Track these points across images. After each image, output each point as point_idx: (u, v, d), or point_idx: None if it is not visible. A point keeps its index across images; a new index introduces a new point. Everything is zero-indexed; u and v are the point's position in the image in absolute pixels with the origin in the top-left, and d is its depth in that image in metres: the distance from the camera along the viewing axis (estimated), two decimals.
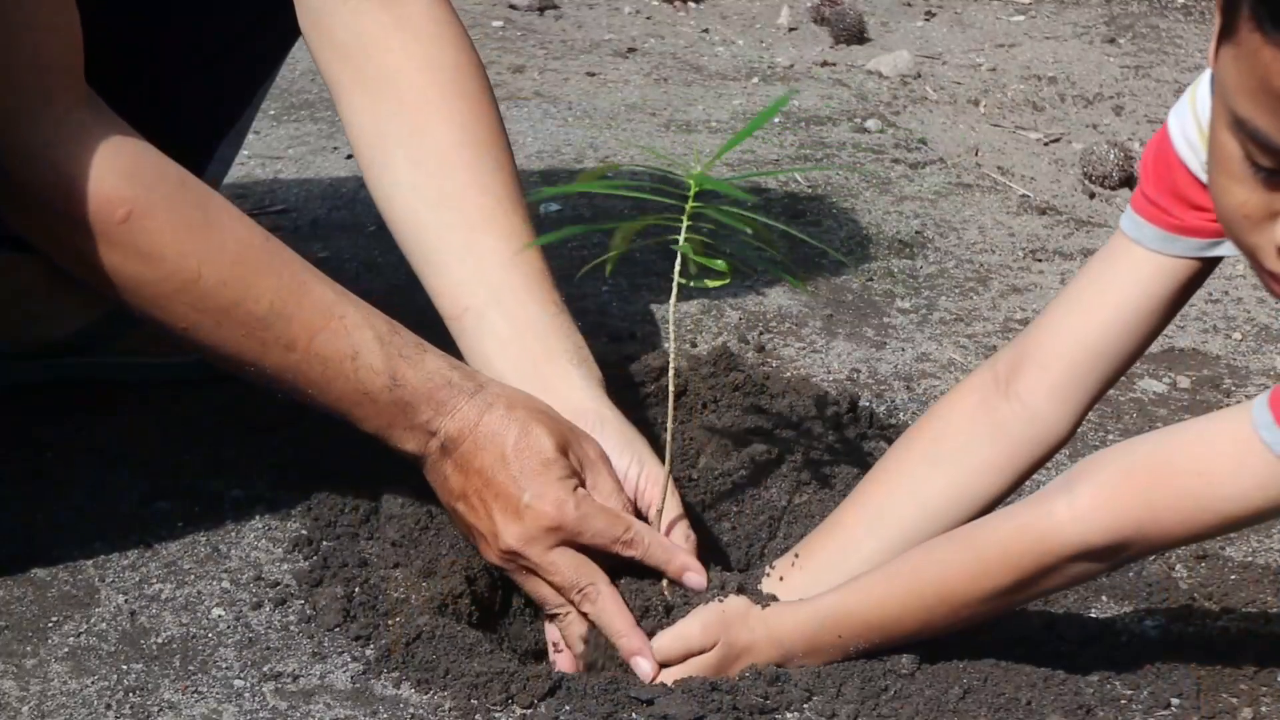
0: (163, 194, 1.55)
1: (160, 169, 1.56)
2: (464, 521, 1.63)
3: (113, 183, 1.51)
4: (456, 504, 1.62)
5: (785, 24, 4.05)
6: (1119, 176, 3.10)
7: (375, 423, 1.62)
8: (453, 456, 1.61)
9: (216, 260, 1.56)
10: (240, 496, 1.81)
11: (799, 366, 2.20)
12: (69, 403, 1.94)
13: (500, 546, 1.60)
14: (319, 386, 1.60)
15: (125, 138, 1.54)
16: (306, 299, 1.60)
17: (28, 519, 1.77)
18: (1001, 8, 4.29)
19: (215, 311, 1.56)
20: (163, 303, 1.56)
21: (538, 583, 1.60)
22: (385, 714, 1.51)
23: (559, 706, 1.51)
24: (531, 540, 1.59)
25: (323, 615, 1.62)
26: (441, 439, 1.61)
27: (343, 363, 1.59)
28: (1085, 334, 1.58)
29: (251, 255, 1.59)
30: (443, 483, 1.63)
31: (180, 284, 1.55)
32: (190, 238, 1.56)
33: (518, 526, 1.58)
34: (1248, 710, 1.54)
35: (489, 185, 1.78)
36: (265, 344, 1.58)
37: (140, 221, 1.53)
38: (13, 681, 1.53)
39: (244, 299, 1.57)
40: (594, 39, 3.84)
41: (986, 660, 1.59)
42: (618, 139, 3.06)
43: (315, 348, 1.59)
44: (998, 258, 2.63)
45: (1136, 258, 1.56)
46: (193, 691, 1.52)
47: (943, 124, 3.37)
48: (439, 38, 1.82)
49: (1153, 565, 1.80)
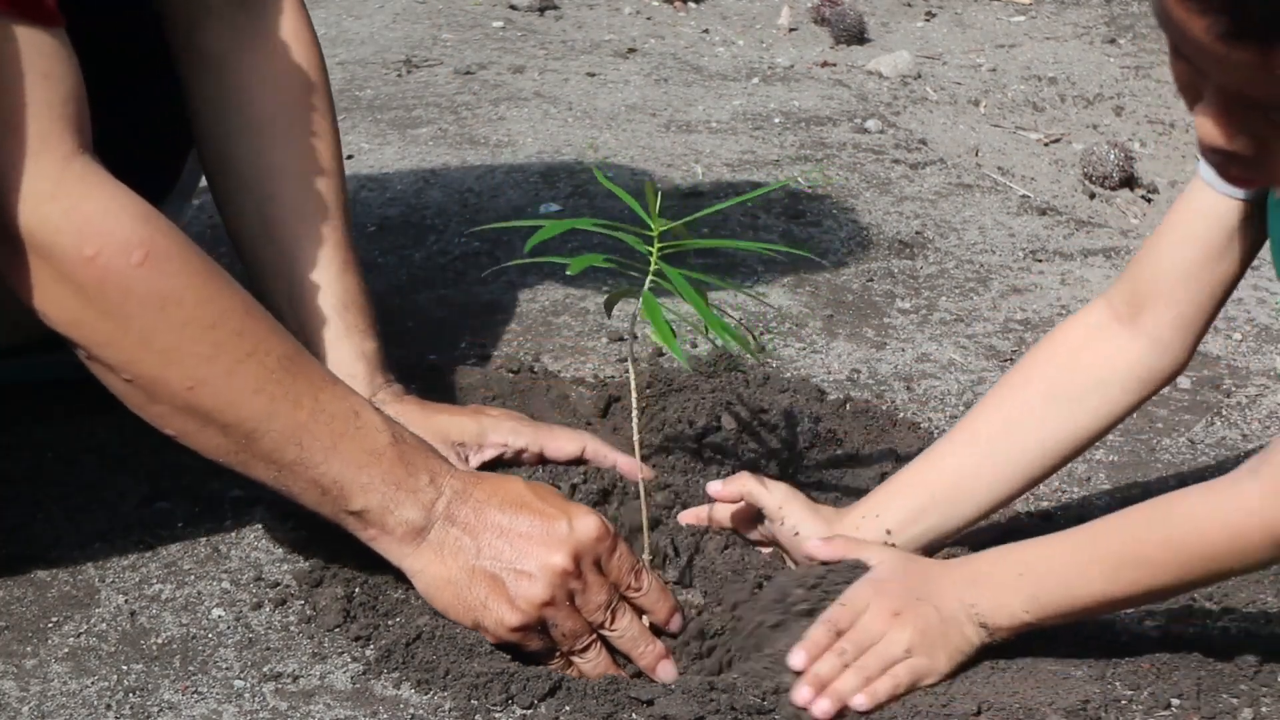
0: (176, 239, 1.50)
1: (162, 217, 1.52)
2: (486, 579, 1.56)
3: (130, 225, 1.47)
4: (476, 563, 1.56)
5: (785, 24, 4.05)
6: (1119, 177, 3.10)
7: (381, 489, 1.54)
8: (464, 509, 1.57)
9: (231, 307, 1.52)
10: (240, 496, 1.81)
11: (799, 367, 2.20)
12: (69, 403, 1.94)
13: (553, 567, 1.55)
14: (327, 447, 1.53)
15: (125, 187, 1.50)
16: (305, 358, 1.57)
17: (28, 519, 1.77)
18: (1001, 8, 4.29)
19: (229, 362, 1.50)
20: (172, 356, 1.49)
21: (570, 614, 1.57)
22: (385, 714, 1.51)
23: (559, 706, 1.51)
24: (584, 550, 1.56)
25: (323, 615, 1.62)
26: (448, 495, 1.57)
27: (348, 419, 1.55)
28: (1198, 267, 1.64)
29: (255, 307, 1.55)
30: (452, 552, 1.56)
31: (198, 331, 1.49)
32: (207, 283, 1.51)
33: (569, 540, 1.56)
34: (1248, 710, 1.54)
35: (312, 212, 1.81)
36: (274, 399, 1.51)
37: (159, 264, 1.47)
38: (13, 681, 1.53)
39: (257, 350, 1.51)
40: (594, 39, 3.84)
41: (986, 661, 1.59)
42: (618, 139, 3.06)
43: (322, 404, 1.54)
44: (998, 258, 2.63)
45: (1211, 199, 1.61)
46: (193, 692, 1.52)
47: (943, 124, 3.37)
48: (293, 55, 1.84)
49: None
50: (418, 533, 1.56)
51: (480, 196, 2.74)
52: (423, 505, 1.56)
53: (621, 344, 2.22)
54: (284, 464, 1.53)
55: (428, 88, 3.39)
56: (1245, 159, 1.31)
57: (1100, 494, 1.96)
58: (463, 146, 3.01)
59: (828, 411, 2.00)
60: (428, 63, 3.57)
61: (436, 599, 1.58)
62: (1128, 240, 2.77)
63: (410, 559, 1.57)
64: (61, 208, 1.44)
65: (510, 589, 1.55)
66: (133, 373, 1.50)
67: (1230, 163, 1.32)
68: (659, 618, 1.62)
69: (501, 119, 3.18)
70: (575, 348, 2.22)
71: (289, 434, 1.52)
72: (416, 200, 2.72)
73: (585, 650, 1.59)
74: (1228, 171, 1.34)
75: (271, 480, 1.55)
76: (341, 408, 1.55)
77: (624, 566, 1.59)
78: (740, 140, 3.11)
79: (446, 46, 3.71)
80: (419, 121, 3.16)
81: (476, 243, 2.54)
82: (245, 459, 1.54)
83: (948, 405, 2.12)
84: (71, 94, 1.47)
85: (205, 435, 1.53)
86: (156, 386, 1.50)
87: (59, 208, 1.44)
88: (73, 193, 1.45)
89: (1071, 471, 2.00)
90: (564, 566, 1.55)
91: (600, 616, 1.58)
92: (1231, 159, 1.31)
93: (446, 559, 1.57)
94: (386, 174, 2.84)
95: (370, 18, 3.91)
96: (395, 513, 1.55)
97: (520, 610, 1.55)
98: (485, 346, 2.21)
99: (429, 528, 1.56)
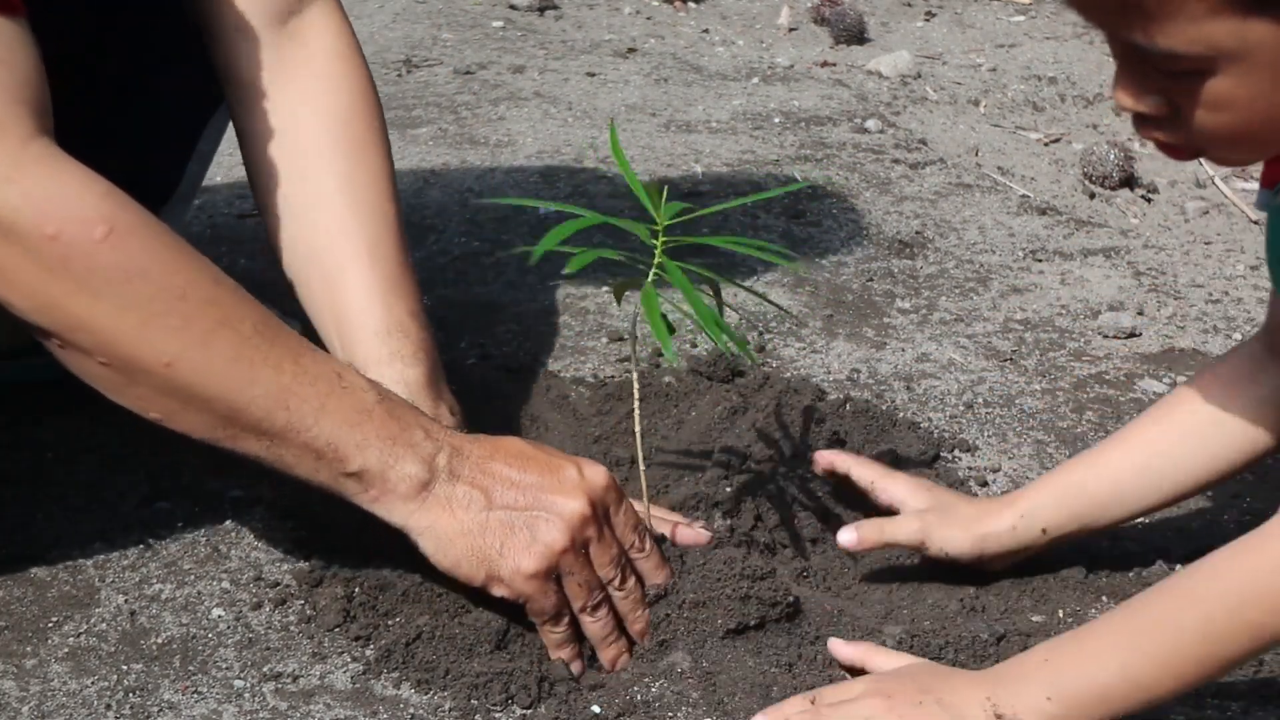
0: (138, 213, 1.49)
1: (123, 193, 1.50)
2: (501, 528, 1.53)
3: (91, 202, 1.46)
4: (489, 513, 1.53)
5: (785, 24, 4.05)
6: (1119, 176, 3.10)
7: (377, 445, 1.52)
8: (467, 465, 1.54)
9: (199, 278, 1.50)
10: (240, 496, 1.81)
11: (799, 367, 2.20)
12: (69, 403, 1.94)
13: (572, 511, 1.52)
14: (316, 409, 1.50)
15: (86, 168, 1.48)
16: (280, 324, 1.55)
17: (28, 519, 1.77)
18: (1001, 8, 4.29)
19: (203, 333, 1.48)
20: (145, 330, 1.47)
21: (584, 564, 1.53)
22: (385, 714, 1.51)
23: (559, 706, 1.51)
24: (597, 497, 1.54)
25: (323, 615, 1.62)
26: (447, 450, 1.54)
27: (332, 380, 1.53)
28: None
29: (224, 278, 1.53)
30: (463, 505, 1.53)
31: (168, 303, 1.47)
32: (172, 255, 1.49)
33: (583, 485, 1.54)
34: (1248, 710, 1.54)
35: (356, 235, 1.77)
36: (254, 365, 1.49)
37: (122, 238, 1.46)
38: (13, 681, 1.53)
39: (229, 318, 1.50)
40: (594, 39, 3.84)
41: (986, 662, 1.59)
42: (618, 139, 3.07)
43: (304, 366, 1.52)
44: (998, 258, 2.63)
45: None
46: (193, 691, 1.52)
47: (943, 124, 3.37)
48: (336, 79, 1.82)
49: (1153, 565, 1.80)
50: (422, 487, 1.53)
51: (480, 196, 2.74)
52: (422, 459, 1.53)
53: (621, 344, 2.22)
54: (274, 432, 1.51)
55: (427, 88, 3.39)
56: (1160, 120, 1.30)
57: None
58: (463, 146, 3.01)
59: (828, 411, 2.00)
60: (427, 63, 3.57)
61: (448, 553, 1.54)
62: (1128, 240, 2.77)
63: (416, 516, 1.54)
64: (20, 189, 1.43)
65: (528, 534, 1.52)
66: (107, 354, 1.48)
67: (1147, 125, 1.32)
68: (657, 582, 1.60)
69: (501, 119, 3.18)
70: (575, 348, 2.22)
71: (275, 398, 1.50)
72: (416, 200, 2.72)
73: (597, 608, 1.55)
74: (1150, 135, 1.33)
75: (265, 453, 1.52)
76: (324, 369, 1.53)
77: (630, 522, 1.58)
78: (740, 140, 3.11)
79: (446, 46, 3.71)
80: (419, 121, 3.16)
81: (476, 243, 2.54)
82: (234, 433, 1.51)
83: (948, 405, 2.12)
84: (29, 78, 1.46)
85: (189, 414, 1.51)
86: (133, 366, 1.48)
87: (18, 189, 1.43)
88: (31, 174, 1.44)
89: None
90: (583, 510, 1.53)
91: (611, 572, 1.55)
92: (1146, 120, 1.31)
93: (457, 511, 1.53)
94: None
95: (370, 18, 3.91)
96: (396, 467, 1.53)
97: (538, 555, 1.52)
98: (485, 346, 2.21)
99: (433, 482, 1.53)
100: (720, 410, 1.96)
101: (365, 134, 1.82)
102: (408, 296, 1.77)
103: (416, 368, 1.72)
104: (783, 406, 1.98)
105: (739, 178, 2.89)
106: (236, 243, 2.53)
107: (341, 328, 1.75)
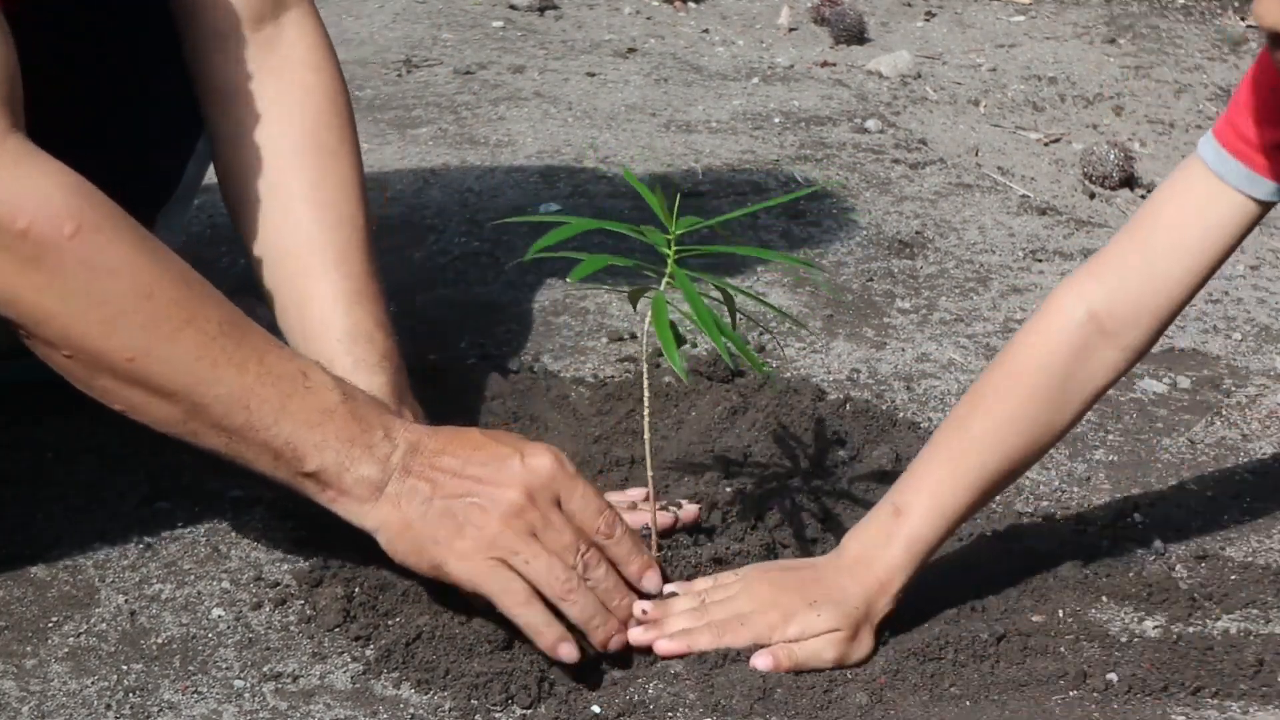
0: (108, 210, 1.50)
1: (95, 190, 1.51)
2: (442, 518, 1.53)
3: (61, 198, 1.46)
4: (430, 505, 1.54)
5: (785, 24, 4.05)
6: (1119, 176, 3.10)
7: (335, 446, 1.54)
8: (419, 460, 1.55)
9: (166, 277, 1.51)
10: (240, 496, 1.81)
11: (799, 367, 2.20)
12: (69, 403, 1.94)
13: (504, 500, 1.53)
14: (276, 409, 1.52)
15: (59, 163, 1.49)
16: (247, 323, 1.55)
17: (28, 519, 1.77)
18: (1001, 8, 4.29)
19: (168, 331, 1.49)
20: (110, 327, 1.48)
21: (537, 552, 1.53)
22: (385, 714, 1.51)
23: (559, 706, 1.51)
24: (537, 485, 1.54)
25: (323, 615, 1.62)
26: (403, 448, 1.56)
27: (295, 380, 1.54)
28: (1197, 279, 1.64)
29: (193, 277, 1.54)
30: (408, 499, 1.54)
31: (134, 300, 1.48)
32: (140, 253, 1.50)
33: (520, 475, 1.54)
34: (1248, 710, 1.54)
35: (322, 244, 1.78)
36: (217, 364, 1.51)
37: (91, 235, 1.47)
38: (13, 681, 1.53)
39: (195, 317, 1.51)
40: (594, 39, 3.84)
41: (986, 662, 1.59)
42: (617, 139, 3.06)
43: (268, 365, 1.53)
44: (998, 258, 2.63)
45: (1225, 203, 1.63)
46: (193, 692, 1.52)
47: (943, 124, 3.37)
48: (308, 88, 1.83)
49: (1153, 565, 1.80)
50: (375, 489, 1.55)
51: (480, 196, 2.74)
52: (378, 460, 1.55)
53: (621, 344, 2.22)
54: (234, 430, 1.52)
55: (427, 87, 3.39)
56: None
57: (1100, 493, 1.96)
58: (462, 146, 3.01)
59: (828, 412, 2.00)
60: (427, 62, 3.57)
61: (397, 547, 1.56)
62: None
63: (369, 516, 1.56)
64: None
65: (461, 520, 1.53)
66: (72, 347, 1.49)
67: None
68: (630, 571, 1.58)
69: (501, 119, 3.18)
70: (575, 348, 2.22)
71: (236, 398, 1.51)
72: (416, 200, 2.72)
73: (570, 594, 1.53)
74: None
75: (225, 448, 1.54)
76: (289, 369, 1.54)
77: (589, 509, 1.57)
78: (740, 140, 3.11)
79: (446, 46, 3.71)
80: (419, 121, 3.16)
81: (476, 243, 2.54)
82: (195, 428, 1.53)
83: (947, 405, 2.12)
84: (2, 75, 1.47)
85: (153, 407, 1.53)
86: (97, 359, 1.50)
87: None
88: (2, 169, 1.45)
89: (1072, 472, 2.00)
90: (514, 499, 1.53)
91: (569, 559, 1.54)
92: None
93: (403, 505, 1.55)
94: (386, 174, 2.84)
95: (370, 17, 3.91)
96: (352, 470, 1.54)
97: (471, 539, 1.53)
98: (485, 346, 2.21)
99: (386, 482, 1.55)
100: (720, 410, 1.97)
101: (335, 143, 1.83)
102: (373, 305, 1.78)
103: (380, 376, 1.73)
104: (783, 406, 1.98)
105: (739, 178, 2.89)
106: (236, 243, 2.52)
107: (307, 335, 1.76)
